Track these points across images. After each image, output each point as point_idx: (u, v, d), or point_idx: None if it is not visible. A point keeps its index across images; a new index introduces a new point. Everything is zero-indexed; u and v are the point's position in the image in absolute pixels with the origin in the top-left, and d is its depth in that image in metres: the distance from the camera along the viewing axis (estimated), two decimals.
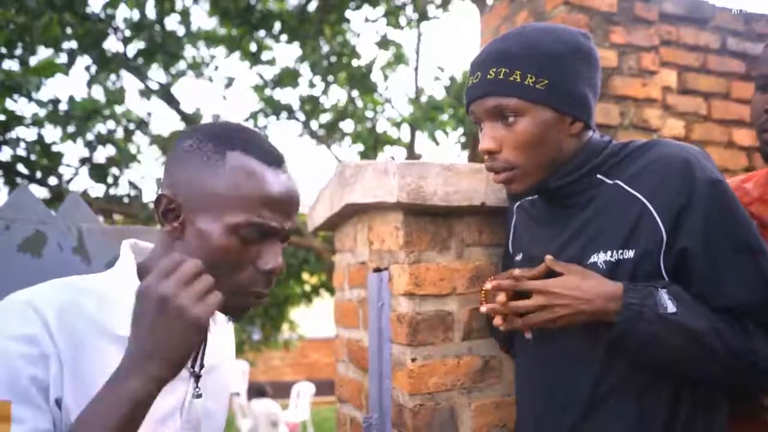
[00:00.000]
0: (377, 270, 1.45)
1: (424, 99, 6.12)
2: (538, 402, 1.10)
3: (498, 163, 1.05)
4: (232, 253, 0.79)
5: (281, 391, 9.88)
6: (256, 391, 7.43)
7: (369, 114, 6.58)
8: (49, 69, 2.98)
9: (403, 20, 6.52)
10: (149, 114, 5.85)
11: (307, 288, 7.21)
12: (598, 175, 1.06)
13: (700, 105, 2.32)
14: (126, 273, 0.83)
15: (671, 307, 0.94)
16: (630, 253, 0.99)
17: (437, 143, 5.56)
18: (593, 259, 1.02)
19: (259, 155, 0.81)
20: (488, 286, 1.12)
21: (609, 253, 1.01)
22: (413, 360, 1.29)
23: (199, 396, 0.88)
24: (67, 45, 5.02)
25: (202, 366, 0.89)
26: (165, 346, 0.68)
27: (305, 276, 6.96)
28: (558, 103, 1.02)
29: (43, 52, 4.77)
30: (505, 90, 1.02)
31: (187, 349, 0.69)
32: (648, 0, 2.20)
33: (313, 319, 10.12)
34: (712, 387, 1.01)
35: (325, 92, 6.46)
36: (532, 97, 1.01)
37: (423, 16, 6.46)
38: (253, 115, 6.46)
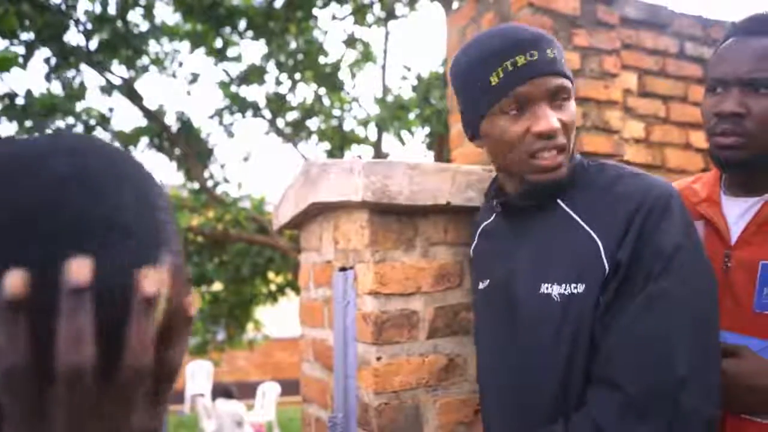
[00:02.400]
0: (343, 269, 1.44)
1: (390, 98, 6.13)
2: (500, 422, 1.11)
3: (558, 144, 1.02)
4: None
5: (247, 391, 9.79)
6: (221, 392, 7.34)
7: (336, 112, 6.57)
8: (4, 63, 2.88)
9: (370, 18, 6.52)
10: (111, 110, 5.73)
11: (273, 287, 7.16)
12: (558, 200, 1.07)
13: (659, 108, 2.38)
14: None
15: None
16: (581, 288, 0.98)
17: (403, 142, 5.58)
18: (547, 290, 1.01)
19: None
20: None
21: (563, 285, 1.00)
22: (378, 359, 1.29)
23: None
24: (25, 36, 4.88)
25: None
26: None
27: (271, 275, 6.91)
28: (573, 91, 1.07)
29: None
30: (563, 71, 1.03)
31: None
32: (610, 4, 2.24)
33: (278, 318, 10.05)
34: None
35: (291, 90, 6.42)
36: (572, 82, 1.05)
37: (390, 15, 6.47)
38: (219, 112, 6.38)
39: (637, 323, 0.93)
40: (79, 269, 0.34)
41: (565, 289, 0.99)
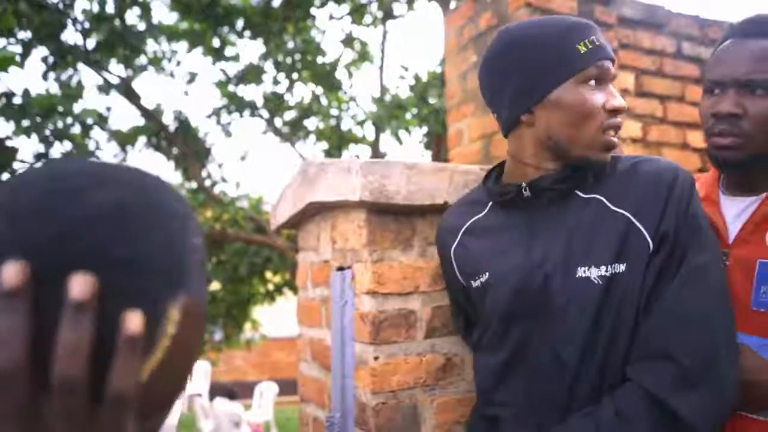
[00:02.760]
0: (340, 268, 1.44)
1: (388, 98, 6.13)
2: (514, 416, 1.10)
3: (621, 124, 1.07)
4: None
5: (244, 391, 9.78)
6: (224, 392, 7.32)
7: (334, 112, 6.57)
8: (2, 63, 2.86)
9: (368, 18, 6.52)
10: (108, 109, 5.71)
11: (270, 287, 7.16)
12: (576, 191, 1.08)
13: (656, 107, 2.38)
14: None
15: None
16: (622, 267, 1.00)
17: (400, 142, 5.58)
18: (584, 273, 1.01)
19: None
20: None
21: (603, 267, 1.00)
22: (376, 358, 1.29)
23: None
24: (22, 35, 4.86)
25: None
26: None
27: (268, 275, 6.91)
28: None
29: None
30: None
31: None
32: (607, 4, 2.25)
33: (276, 318, 10.06)
34: None
35: (289, 89, 6.42)
36: None
37: (388, 15, 6.47)
38: (216, 112, 6.38)
39: (682, 297, 0.98)
40: (8, 273, 0.35)
41: (606, 271, 1.01)
